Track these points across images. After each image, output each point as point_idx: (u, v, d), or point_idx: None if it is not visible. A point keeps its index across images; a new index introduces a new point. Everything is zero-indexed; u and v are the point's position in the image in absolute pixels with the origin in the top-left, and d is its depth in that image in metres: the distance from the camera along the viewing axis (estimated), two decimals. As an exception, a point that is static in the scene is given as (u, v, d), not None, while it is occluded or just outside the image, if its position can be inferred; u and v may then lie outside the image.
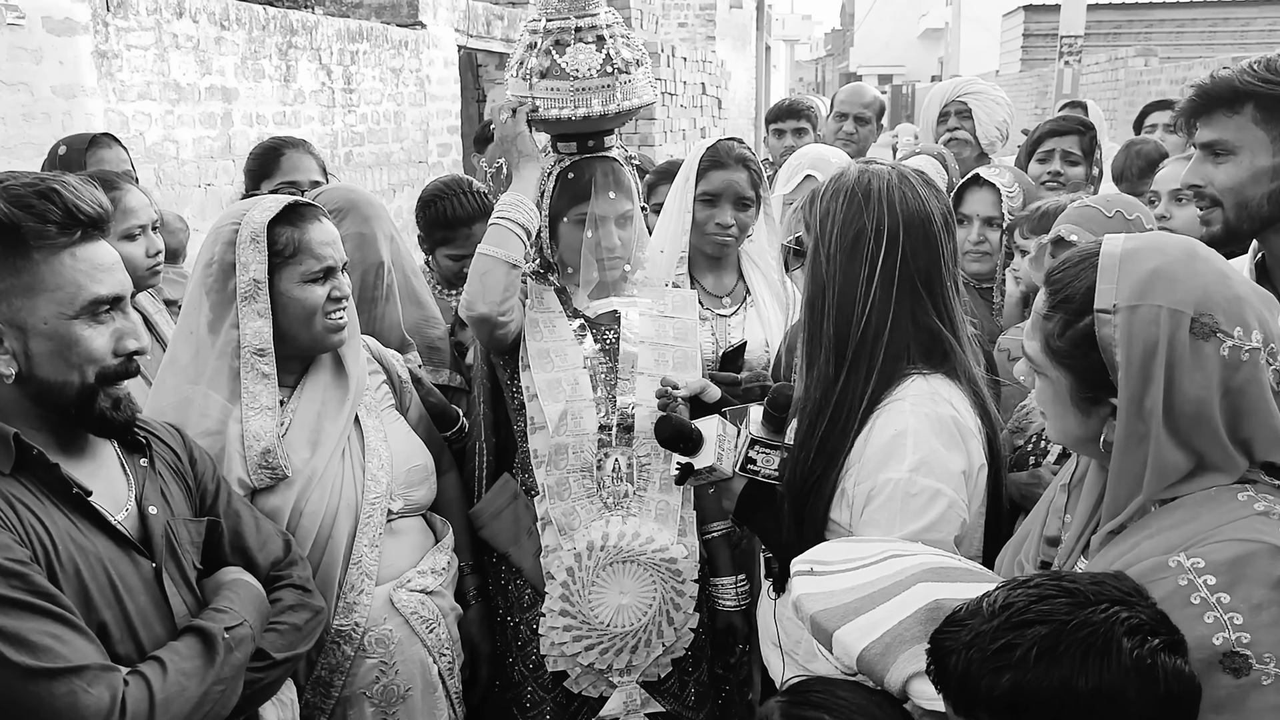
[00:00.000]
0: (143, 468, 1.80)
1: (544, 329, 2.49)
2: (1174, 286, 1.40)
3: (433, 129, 8.89)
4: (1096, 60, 17.18)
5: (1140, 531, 1.43)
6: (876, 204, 1.85)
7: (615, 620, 2.42)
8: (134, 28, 5.45)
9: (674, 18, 18.86)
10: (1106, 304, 1.42)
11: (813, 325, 1.92)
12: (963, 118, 4.43)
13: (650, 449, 2.44)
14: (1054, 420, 1.56)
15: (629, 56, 2.42)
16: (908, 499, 1.80)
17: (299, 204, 2.21)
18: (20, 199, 1.56)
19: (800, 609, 1.57)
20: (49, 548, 1.57)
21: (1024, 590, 1.23)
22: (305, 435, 2.18)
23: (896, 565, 1.56)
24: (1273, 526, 1.34)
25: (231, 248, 2.12)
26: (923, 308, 1.87)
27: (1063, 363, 1.49)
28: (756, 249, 2.97)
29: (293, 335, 2.17)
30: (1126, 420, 1.42)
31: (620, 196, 2.47)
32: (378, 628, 2.21)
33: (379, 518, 2.23)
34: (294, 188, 3.15)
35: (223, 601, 1.77)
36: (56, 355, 1.61)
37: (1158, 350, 1.38)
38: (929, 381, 1.86)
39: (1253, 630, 1.26)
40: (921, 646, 1.41)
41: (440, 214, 3.18)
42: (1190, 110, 2.03)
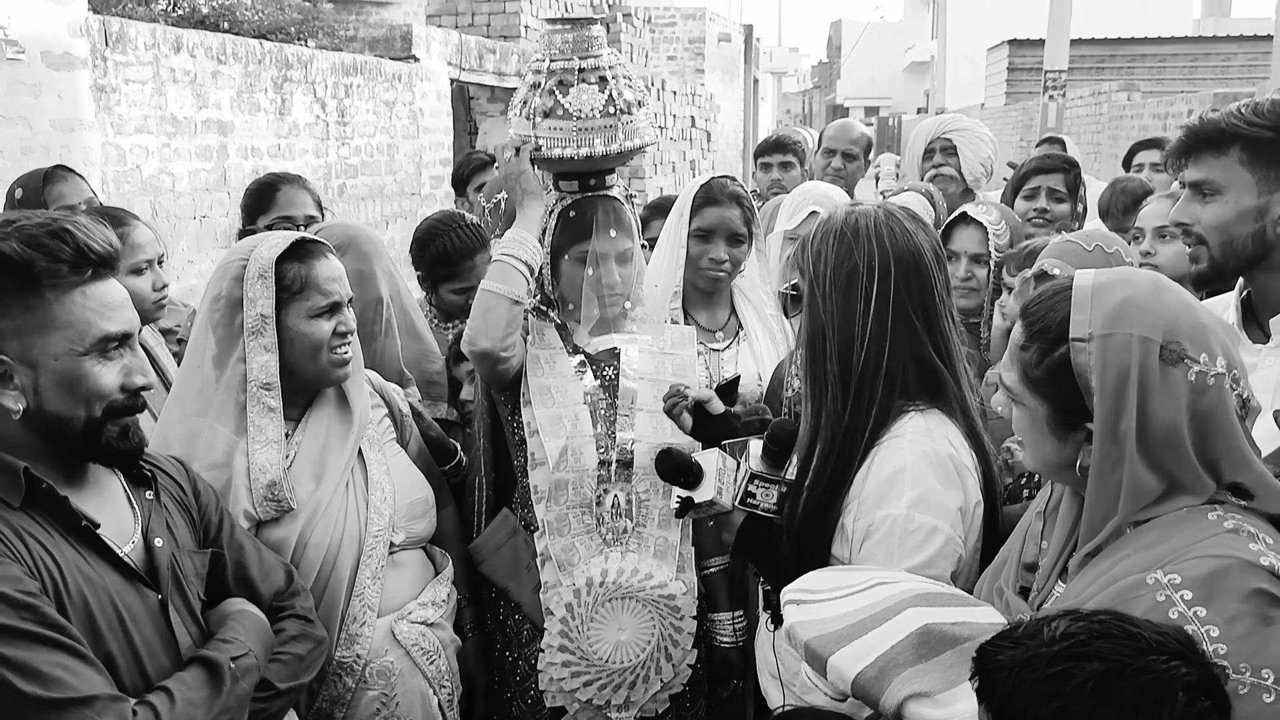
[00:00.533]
0: (148, 500, 1.83)
1: (545, 365, 2.52)
2: (1144, 315, 1.48)
3: (425, 161, 8.96)
4: (1080, 94, 17.39)
5: (1117, 552, 1.48)
6: (866, 241, 1.91)
7: (614, 656, 2.43)
8: (132, 62, 5.51)
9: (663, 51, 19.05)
10: (1081, 333, 1.49)
11: (815, 365, 1.97)
12: (948, 154, 4.50)
13: (649, 485, 2.46)
14: (1032, 448, 1.62)
15: (631, 97, 2.46)
16: (905, 535, 1.83)
17: (306, 240, 2.25)
18: (33, 239, 1.60)
19: (794, 636, 1.60)
20: (58, 580, 1.59)
21: (1087, 624, 1.25)
22: (310, 468, 2.21)
23: (885, 592, 1.60)
24: (1243, 542, 1.40)
25: (239, 283, 2.16)
26: (918, 340, 1.92)
27: (1040, 391, 1.56)
28: (749, 284, 3.01)
29: (298, 369, 2.21)
30: (1102, 444, 1.48)
31: (621, 234, 2.51)
32: (379, 659, 2.22)
33: (382, 550, 2.25)
34: (289, 223, 3.18)
35: (228, 632, 1.80)
36: (65, 391, 1.64)
37: (1130, 376, 1.45)
38: (926, 418, 1.90)
39: (1229, 642, 1.31)
40: (914, 669, 1.46)
41: (441, 251, 3.23)
42: (1179, 150, 2.09)
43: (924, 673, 1.46)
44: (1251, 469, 1.50)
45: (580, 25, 2.46)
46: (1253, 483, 1.49)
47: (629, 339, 2.57)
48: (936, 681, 1.45)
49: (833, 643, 1.54)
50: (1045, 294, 1.59)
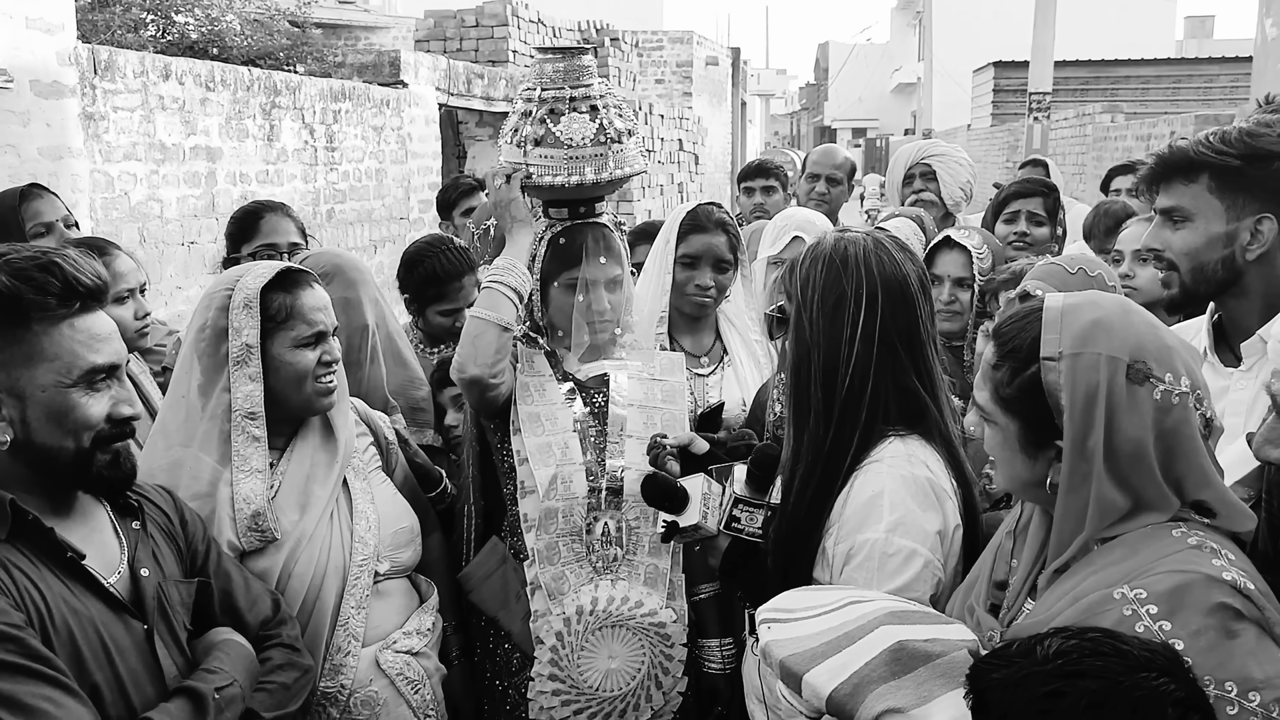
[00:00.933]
0: (135, 530, 1.83)
1: (534, 392, 2.52)
2: (1111, 336, 1.52)
3: (414, 185, 9.00)
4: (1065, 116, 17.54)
5: (1085, 569, 1.52)
6: (855, 269, 1.93)
7: (604, 684, 2.41)
8: (121, 90, 5.54)
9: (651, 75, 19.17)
10: (1052, 352, 1.54)
11: (799, 389, 1.99)
12: (927, 179, 4.56)
13: (639, 512, 2.45)
14: (1003, 466, 1.65)
15: (621, 126, 2.48)
16: (885, 559, 1.85)
17: (291, 270, 2.26)
18: (21, 271, 1.61)
19: (769, 655, 1.62)
20: (43, 611, 1.59)
21: (1079, 642, 1.28)
22: (294, 498, 2.21)
23: (859, 610, 1.63)
24: (1206, 558, 1.44)
25: (224, 313, 2.17)
26: (902, 368, 1.94)
27: (1011, 409, 1.59)
28: (734, 309, 3.03)
29: (284, 398, 2.21)
30: (1071, 461, 1.52)
31: (611, 261, 2.52)
32: (364, 689, 2.21)
33: (366, 579, 2.24)
34: (273, 250, 3.19)
35: (213, 662, 1.80)
36: (53, 422, 1.65)
37: (1099, 394, 1.50)
38: (905, 443, 1.93)
39: (1194, 655, 1.34)
40: (888, 685, 1.48)
41: (430, 272, 3.25)
42: (1150, 177, 2.14)
43: (897, 689, 1.48)
44: (1214, 487, 1.54)
45: (571, 54, 2.47)
46: (1215, 500, 1.53)
47: (619, 365, 2.57)
48: (909, 697, 1.47)
49: (807, 660, 1.56)
50: (1016, 315, 1.63)
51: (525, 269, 2.47)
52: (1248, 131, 2.00)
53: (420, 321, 3.35)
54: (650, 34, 19.82)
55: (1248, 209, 2.00)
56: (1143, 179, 2.16)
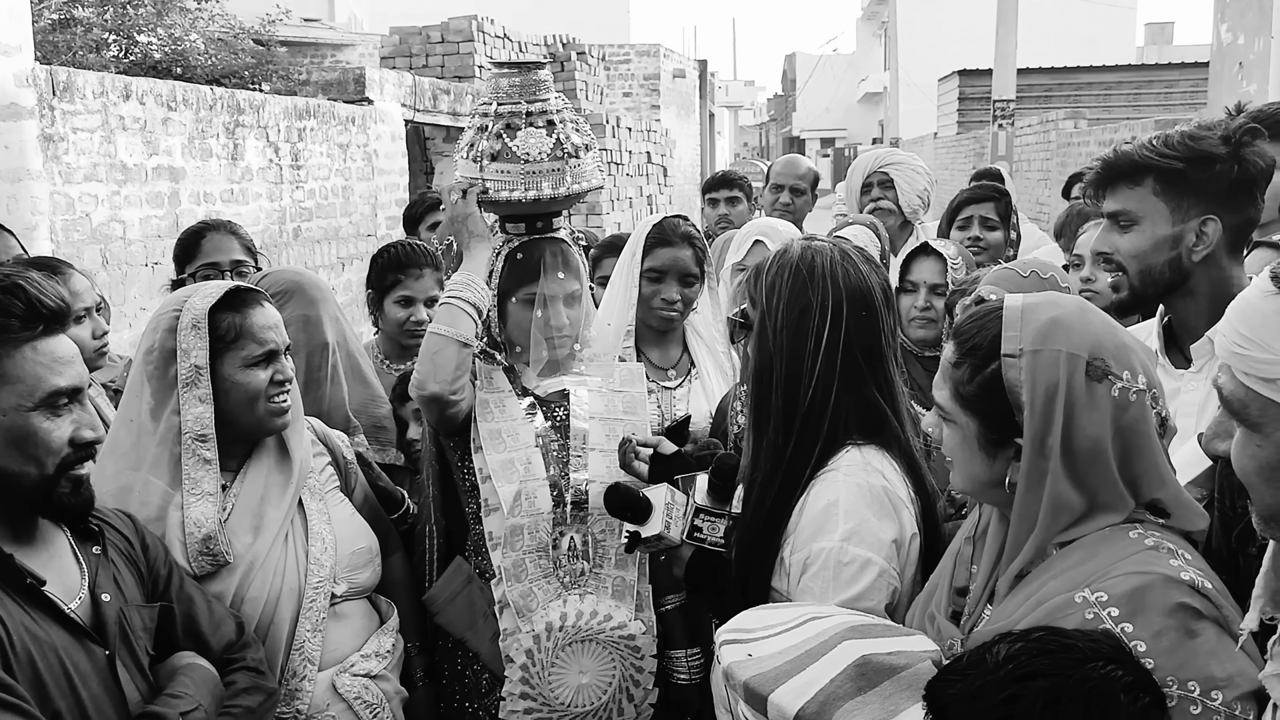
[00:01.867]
0: (95, 555, 1.81)
1: (494, 409, 2.50)
2: (1070, 333, 1.54)
3: (381, 202, 8.97)
4: (1029, 122, 17.74)
5: (1045, 573, 1.53)
6: (821, 280, 1.94)
7: (576, 700, 2.40)
8: (80, 110, 5.49)
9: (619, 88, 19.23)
10: (1012, 349, 1.55)
11: (760, 396, 1.99)
12: (885, 188, 4.57)
13: (605, 525, 2.45)
14: (961, 467, 1.66)
15: (578, 141, 2.48)
16: (840, 568, 1.86)
17: (240, 289, 2.23)
18: None
19: (732, 677, 1.61)
20: (2, 638, 1.57)
21: (1025, 644, 1.29)
22: (248, 520, 2.17)
23: (819, 626, 1.63)
24: (1164, 559, 1.46)
25: (172, 334, 2.14)
26: (863, 379, 1.95)
27: (970, 407, 1.60)
28: (702, 322, 3.03)
29: (236, 419, 2.18)
30: (1030, 458, 1.53)
31: (569, 276, 2.51)
32: (320, 715, 2.17)
33: (322, 602, 2.21)
34: (214, 269, 3.15)
35: (176, 687, 1.78)
36: (14, 447, 1.64)
37: (1059, 390, 1.51)
38: (862, 452, 1.94)
39: (1155, 656, 1.35)
40: (854, 701, 1.48)
41: (393, 257, 3.27)
42: (1096, 182, 2.17)
43: (864, 704, 1.48)
44: (1169, 486, 1.56)
45: (527, 69, 2.48)
46: (1170, 500, 1.55)
47: (579, 380, 2.57)
48: (877, 711, 1.47)
49: (771, 680, 1.55)
50: (976, 315, 1.64)
51: (483, 284, 2.46)
52: (1190, 135, 2.02)
53: (379, 319, 3.33)
54: (617, 47, 19.89)
55: (1192, 211, 2.03)
56: (1089, 184, 2.19)
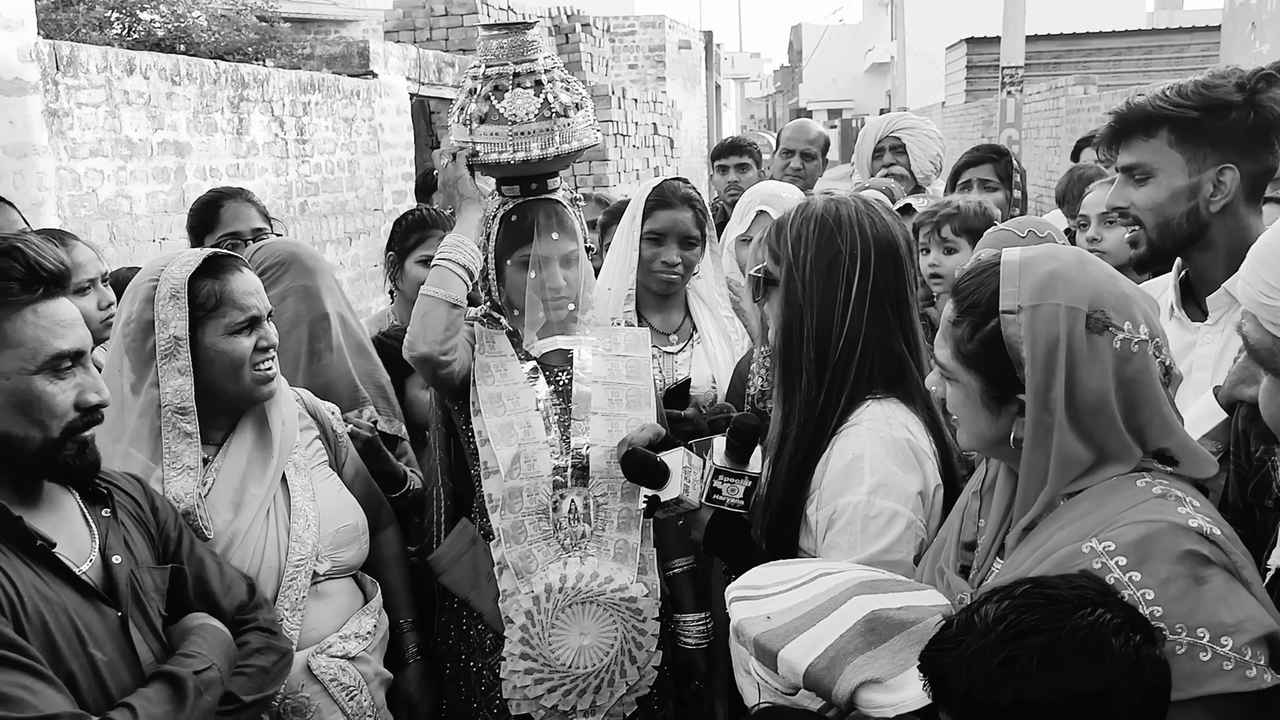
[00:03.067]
0: (105, 518, 1.82)
1: (495, 373, 2.51)
2: (1070, 286, 1.52)
3: (387, 176, 8.95)
4: (1038, 89, 17.59)
5: (1052, 524, 1.52)
6: (849, 229, 1.93)
7: (577, 661, 2.42)
8: (84, 85, 5.48)
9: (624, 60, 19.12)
10: (1011, 305, 1.54)
11: (790, 350, 1.98)
12: (897, 153, 4.56)
13: (606, 488, 2.46)
14: (966, 424, 1.65)
15: (567, 100, 2.46)
16: (867, 521, 1.86)
17: (218, 255, 2.20)
18: None
19: (742, 633, 1.61)
20: (14, 600, 1.59)
21: (1011, 602, 1.29)
22: (228, 496, 2.15)
23: (829, 582, 1.63)
24: (1171, 507, 1.45)
25: (150, 305, 2.11)
26: (890, 330, 1.95)
27: (972, 365, 1.59)
28: (704, 286, 3.03)
29: (220, 389, 2.15)
30: (1034, 413, 1.52)
31: (563, 237, 2.51)
32: (295, 695, 2.15)
33: (303, 580, 2.18)
34: (235, 239, 3.13)
35: (190, 646, 1.79)
36: (18, 411, 1.64)
37: (1059, 344, 1.50)
38: (883, 405, 1.93)
39: (1164, 604, 1.35)
40: (864, 656, 1.48)
41: (415, 219, 3.32)
42: (1110, 136, 2.14)
43: (874, 659, 1.49)
44: (1175, 434, 1.55)
45: (516, 30, 2.47)
46: (1177, 448, 1.54)
47: (573, 341, 2.57)
48: (886, 667, 1.48)
49: (781, 636, 1.56)
50: (974, 271, 1.63)
51: (474, 246, 2.46)
52: (1204, 83, 2.00)
53: (400, 281, 3.33)
54: (622, 19, 19.75)
55: (1209, 160, 2.01)
56: (1102, 139, 2.16)
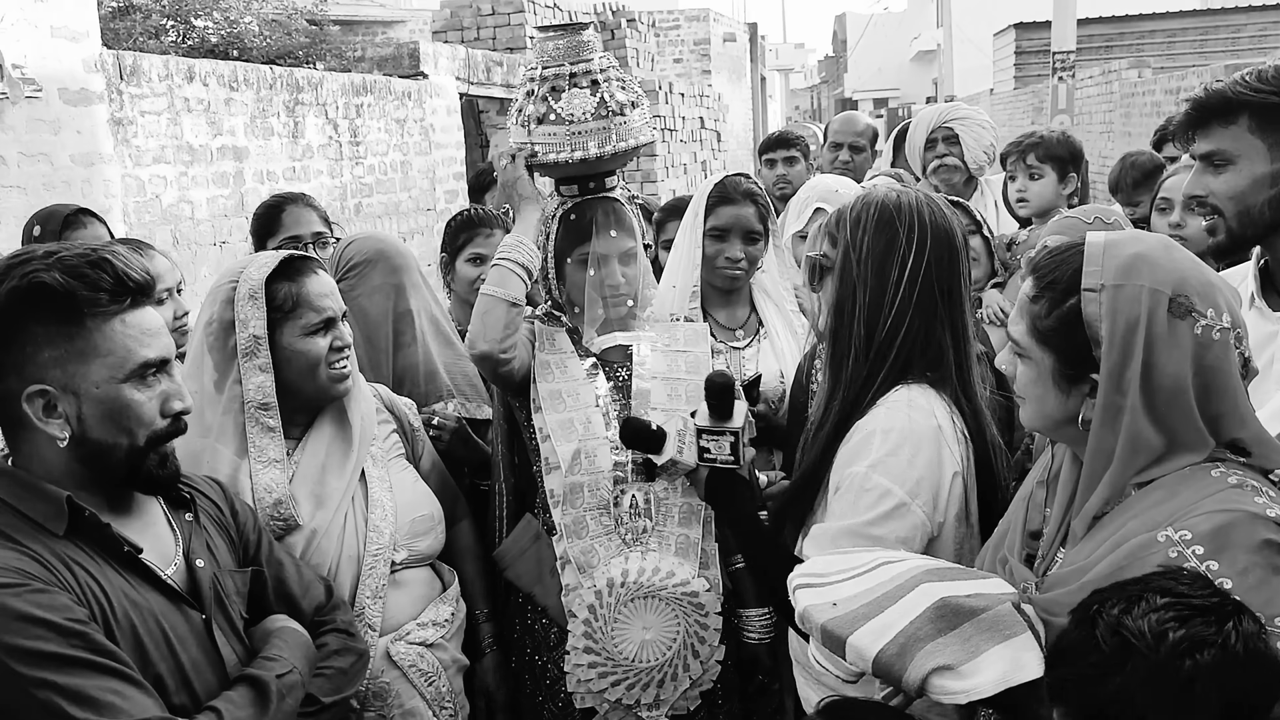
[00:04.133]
0: (188, 522, 1.85)
1: (555, 370, 2.54)
2: (1155, 269, 1.51)
3: (439, 176, 9.02)
4: (1090, 74, 17.29)
5: (1124, 514, 1.51)
6: (907, 214, 1.95)
7: (640, 655, 2.43)
8: (147, 94, 5.59)
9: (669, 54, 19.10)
10: (1093, 283, 1.52)
11: (840, 327, 2.00)
12: (950, 143, 4.46)
13: (667, 484, 2.47)
14: (1033, 403, 1.64)
15: (624, 99, 2.49)
16: (861, 493, 1.88)
17: (294, 258, 2.26)
18: (74, 269, 1.63)
19: (809, 620, 1.61)
20: (105, 605, 1.62)
21: (1160, 614, 1.27)
22: (308, 488, 2.20)
23: (893, 570, 1.62)
24: (1248, 496, 1.43)
25: (230, 305, 2.17)
26: (937, 317, 1.95)
27: (1047, 342, 1.58)
28: (769, 281, 3.01)
29: (297, 388, 2.21)
30: (1106, 393, 1.51)
31: (622, 234, 2.54)
32: (375, 680, 2.21)
33: (381, 569, 2.24)
34: (296, 242, 3.20)
35: (272, 649, 1.82)
36: (108, 419, 1.67)
37: (1139, 325, 1.48)
38: (909, 390, 1.94)
39: (1242, 592, 1.33)
40: (935, 643, 1.47)
41: (465, 219, 3.36)
42: (1187, 123, 2.09)
43: (945, 646, 1.47)
44: (1250, 425, 1.53)
45: (572, 30, 2.50)
46: (1251, 439, 1.52)
47: (633, 336, 2.58)
48: (958, 653, 1.46)
49: (849, 623, 1.55)
50: (1056, 251, 1.62)
51: (533, 245, 2.49)
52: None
53: (452, 281, 3.39)
54: (666, 13, 19.72)
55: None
56: (1179, 126, 2.12)
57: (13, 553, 1.57)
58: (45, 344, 1.63)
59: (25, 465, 1.67)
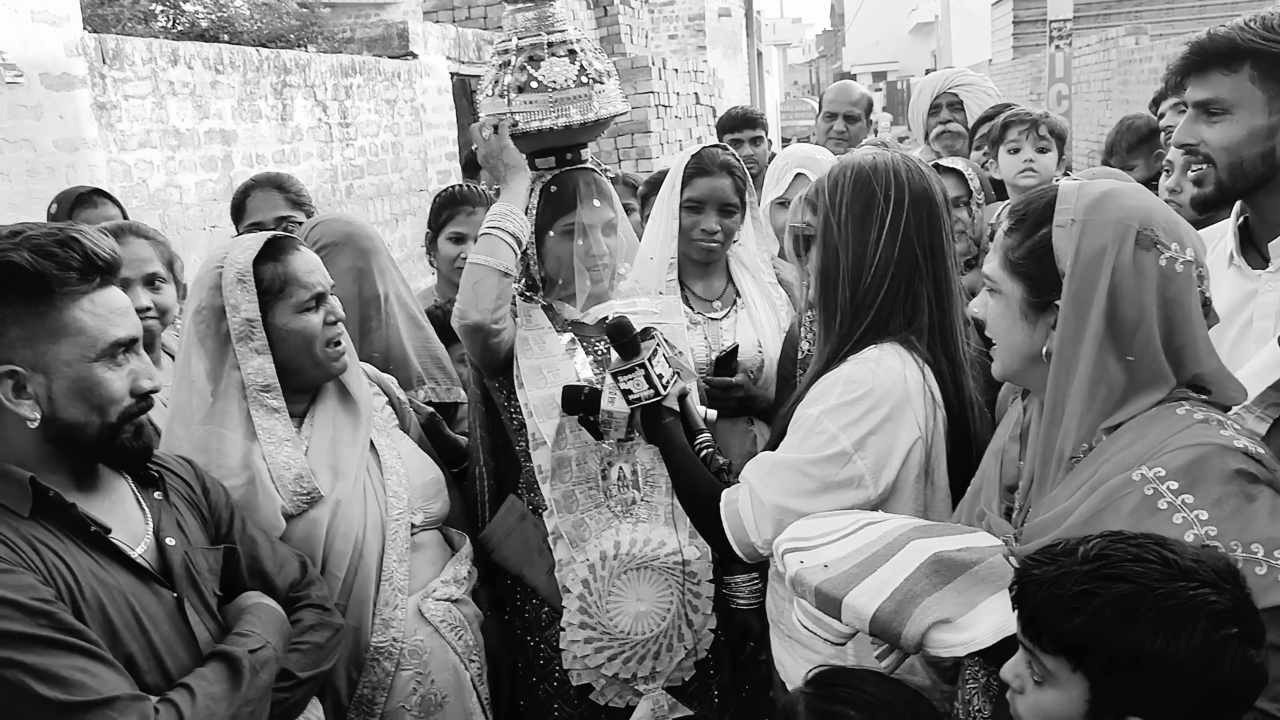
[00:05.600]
0: (157, 501, 1.85)
1: (534, 346, 2.52)
2: (1123, 205, 1.54)
3: (431, 156, 8.98)
4: (1087, 42, 17.17)
5: (1097, 459, 1.52)
6: (884, 174, 1.96)
7: (635, 628, 2.44)
8: (130, 78, 5.55)
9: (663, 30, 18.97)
10: (1064, 219, 1.56)
11: (826, 291, 2.01)
12: (954, 110, 4.41)
13: (654, 454, 2.46)
14: (1002, 339, 1.67)
15: (601, 68, 2.50)
16: (810, 434, 1.90)
17: (276, 238, 2.25)
18: (42, 248, 1.62)
19: (802, 583, 1.61)
20: (72, 585, 1.61)
21: (1124, 546, 1.27)
22: (324, 461, 2.22)
23: (879, 530, 1.64)
24: (1215, 430, 1.46)
25: (218, 291, 2.16)
26: (919, 275, 1.95)
27: (1017, 272, 1.62)
28: (746, 252, 3.00)
29: (296, 367, 2.21)
30: (1067, 321, 1.53)
31: (604, 204, 2.52)
32: (410, 639, 2.25)
33: (404, 533, 2.28)
34: (259, 228, 3.15)
35: (245, 626, 1.82)
36: (79, 397, 1.67)
37: (1106, 254, 1.51)
38: (880, 349, 1.94)
39: (1218, 523, 1.36)
40: (932, 598, 1.48)
41: (447, 196, 3.37)
42: (1185, 68, 2.02)
43: (942, 600, 1.48)
44: (1209, 361, 1.55)
45: (540, 3, 2.49)
46: (1211, 375, 1.55)
47: (628, 304, 2.57)
48: (955, 606, 1.47)
49: (843, 584, 1.56)
50: (1031, 194, 1.66)
51: (522, 215, 2.47)
52: None
53: (435, 258, 3.38)
54: (660, -12, 19.56)
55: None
56: (1175, 70, 2.04)
57: (-24, 535, 1.56)
58: (14, 324, 1.61)
59: (-10, 447, 1.65)
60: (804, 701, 1.74)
